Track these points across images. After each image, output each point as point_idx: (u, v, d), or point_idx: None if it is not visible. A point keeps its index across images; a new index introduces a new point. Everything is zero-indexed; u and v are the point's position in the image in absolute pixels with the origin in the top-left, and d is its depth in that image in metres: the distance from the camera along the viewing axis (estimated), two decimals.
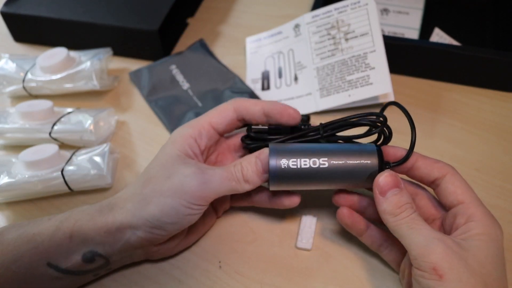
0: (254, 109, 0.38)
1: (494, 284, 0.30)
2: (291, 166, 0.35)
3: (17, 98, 0.55)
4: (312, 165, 0.35)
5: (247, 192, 0.40)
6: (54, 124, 0.48)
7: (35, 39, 0.62)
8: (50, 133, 0.47)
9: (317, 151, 0.36)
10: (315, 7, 0.56)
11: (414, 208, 0.33)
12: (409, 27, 0.61)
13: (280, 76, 0.56)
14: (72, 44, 0.58)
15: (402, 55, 0.53)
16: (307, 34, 0.55)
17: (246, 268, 0.40)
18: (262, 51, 0.59)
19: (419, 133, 0.49)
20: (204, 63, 0.57)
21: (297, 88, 0.54)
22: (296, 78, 0.54)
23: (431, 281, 0.30)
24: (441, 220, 0.36)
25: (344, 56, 0.51)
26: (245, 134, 0.40)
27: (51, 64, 0.52)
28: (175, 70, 0.57)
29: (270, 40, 0.59)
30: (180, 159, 0.36)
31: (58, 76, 0.52)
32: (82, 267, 0.35)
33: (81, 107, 0.53)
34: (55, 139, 0.48)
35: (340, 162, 0.35)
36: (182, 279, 0.39)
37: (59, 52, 0.53)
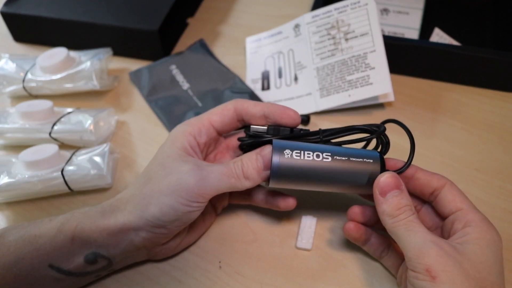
0: (254, 110, 0.38)
1: None
2: (295, 157, 0.34)
3: (17, 98, 0.55)
4: (315, 157, 0.35)
5: (245, 191, 0.40)
6: (54, 124, 0.48)
7: (35, 39, 0.62)
8: (50, 133, 0.47)
9: (320, 147, 0.36)
10: (315, 7, 0.56)
11: (414, 210, 0.33)
12: (409, 27, 0.61)
13: (280, 76, 0.56)
14: (72, 44, 0.58)
15: (402, 55, 0.53)
16: (307, 34, 0.55)
17: (246, 268, 0.40)
18: (262, 51, 0.59)
19: (419, 133, 0.50)
20: (204, 63, 0.57)
21: (297, 88, 0.54)
22: (296, 78, 0.54)
23: (424, 282, 0.30)
24: (440, 229, 0.36)
25: (344, 56, 0.51)
26: (246, 128, 0.40)
27: (51, 64, 0.52)
28: (175, 70, 0.57)
29: (270, 40, 0.59)
30: (179, 157, 0.35)
31: (58, 76, 0.52)
32: (85, 269, 0.35)
33: (81, 107, 0.53)
34: (55, 139, 0.48)
35: (343, 158, 0.35)
36: (182, 279, 0.39)
37: (59, 52, 0.53)
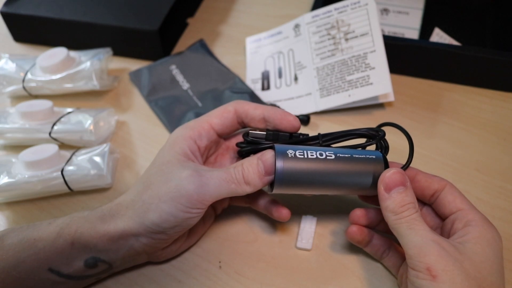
0: (254, 113, 0.37)
1: None
2: (298, 156, 0.34)
3: (17, 98, 0.55)
4: (318, 156, 0.34)
5: (247, 194, 0.40)
6: (54, 124, 0.48)
7: (35, 39, 0.62)
8: (50, 133, 0.47)
9: (323, 149, 0.35)
10: (315, 7, 0.56)
11: (417, 208, 0.33)
12: (409, 27, 0.61)
13: (280, 76, 0.55)
14: (72, 44, 0.58)
15: (402, 55, 0.53)
16: (307, 34, 0.55)
17: (246, 268, 0.40)
18: (262, 51, 0.59)
19: (419, 133, 0.50)
20: (204, 63, 0.57)
21: (297, 88, 0.54)
22: (296, 78, 0.54)
23: (424, 281, 0.30)
24: (440, 230, 0.36)
25: (344, 56, 0.51)
26: (244, 133, 0.40)
27: (51, 64, 0.52)
28: (175, 70, 0.57)
29: (270, 40, 0.59)
30: (179, 162, 0.35)
31: (58, 76, 0.52)
32: (84, 272, 0.35)
33: (81, 107, 0.53)
34: (55, 139, 0.48)
35: (347, 155, 0.35)
36: (182, 280, 0.39)
37: (59, 52, 0.53)
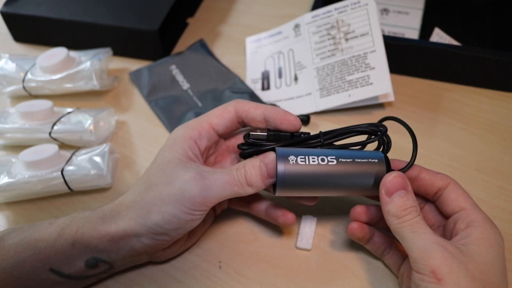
0: (255, 112, 0.37)
1: None
2: (299, 162, 0.34)
3: (17, 98, 0.55)
4: (320, 161, 0.34)
5: (246, 199, 0.40)
6: (54, 124, 0.48)
7: (35, 39, 0.62)
8: (50, 133, 0.47)
9: (324, 151, 0.35)
10: (315, 7, 0.56)
11: (419, 211, 0.33)
12: (409, 27, 0.61)
13: (280, 76, 0.55)
14: (72, 44, 0.58)
15: (402, 55, 0.53)
16: (307, 34, 0.55)
17: (246, 268, 0.40)
18: (262, 51, 0.59)
19: (419, 133, 0.50)
20: (204, 63, 0.57)
21: (297, 88, 0.54)
22: (296, 78, 0.54)
23: (429, 284, 0.30)
24: (442, 228, 0.36)
25: (344, 56, 0.51)
26: (245, 134, 0.39)
27: (51, 64, 0.52)
28: (175, 70, 0.57)
29: (270, 40, 0.59)
30: (180, 163, 0.35)
31: (58, 76, 0.52)
32: (85, 272, 0.35)
33: (81, 107, 0.53)
34: (55, 139, 0.48)
35: (348, 160, 0.35)
36: (182, 279, 0.39)
37: (59, 52, 0.53)
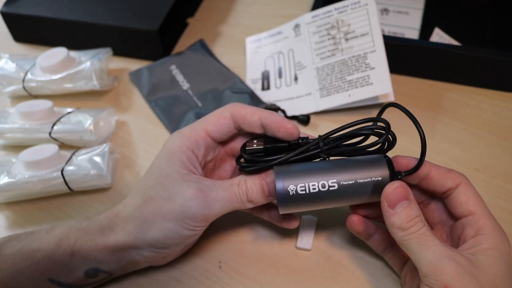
0: (252, 118, 0.36)
1: None
2: (300, 192, 0.33)
3: (17, 98, 0.55)
4: (321, 188, 0.33)
5: None
6: (54, 124, 0.48)
7: (35, 39, 0.62)
8: (50, 133, 0.47)
9: (324, 172, 0.34)
10: (315, 7, 0.56)
11: (424, 221, 0.32)
12: (409, 27, 0.61)
13: (280, 76, 0.55)
14: (72, 44, 0.58)
15: (402, 55, 0.53)
16: (307, 34, 0.55)
17: (246, 268, 0.40)
18: (262, 51, 0.59)
19: (418, 133, 0.50)
20: (204, 63, 0.57)
21: (297, 88, 0.54)
22: (296, 78, 0.54)
23: None
24: (449, 227, 0.35)
25: (344, 56, 0.51)
26: (241, 146, 0.38)
27: (51, 64, 0.52)
28: (175, 70, 0.57)
29: (270, 40, 0.59)
30: (180, 176, 0.34)
31: (58, 76, 0.52)
32: (85, 281, 0.36)
33: (81, 107, 0.53)
34: (55, 139, 0.48)
35: (350, 182, 0.34)
36: (182, 279, 0.39)
37: (59, 52, 0.53)
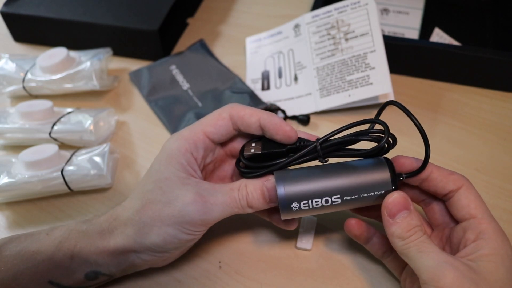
0: (250, 120, 0.35)
1: None
2: (303, 208, 0.34)
3: (17, 98, 0.55)
4: (324, 204, 0.34)
5: None
6: (54, 124, 0.48)
7: (35, 39, 0.62)
8: (50, 133, 0.47)
9: (326, 182, 0.34)
10: (315, 7, 0.56)
11: (424, 230, 0.32)
12: (409, 27, 0.61)
13: (280, 76, 0.55)
14: (72, 44, 0.58)
15: (402, 55, 0.53)
16: (307, 34, 0.55)
17: (246, 268, 0.40)
18: (262, 51, 0.59)
19: (419, 133, 0.50)
20: (204, 63, 0.57)
21: (297, 88, 0.54)
22: (296, 78, 0.54)
23: None
24: (450, 230, 0.35)
25: (344, 56, 0.51)
26: (240, 150, 0.38)
27: (51, 64, 0.52)
28: (175, 70, 0.57)
29: (270, 40, 0.59)
30: (179, 180, 0.34)
31: (58, 76, 0.52)
32: (85, 284, 0.36)
33: (81, 107, 0.53)
34: (55, 139, 0.48)
35: (354, 197, 0.34)
36: (182, 280, 0.39)
37: (59, 52, 0.53)
